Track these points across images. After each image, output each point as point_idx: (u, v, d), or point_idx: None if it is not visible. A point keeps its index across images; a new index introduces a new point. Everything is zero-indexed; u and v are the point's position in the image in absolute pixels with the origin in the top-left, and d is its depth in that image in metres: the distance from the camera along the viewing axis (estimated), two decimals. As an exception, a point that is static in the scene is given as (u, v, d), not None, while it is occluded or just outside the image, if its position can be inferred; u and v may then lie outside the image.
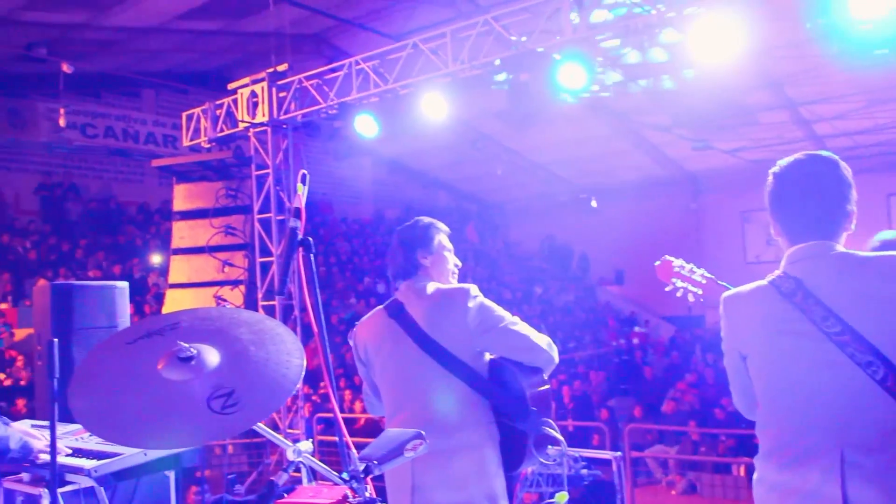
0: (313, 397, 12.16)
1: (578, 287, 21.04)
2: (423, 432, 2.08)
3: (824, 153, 2.41)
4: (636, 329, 18.32)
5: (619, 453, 5.64)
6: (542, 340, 2.98)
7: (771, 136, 15.65)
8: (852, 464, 2.12)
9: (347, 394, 12.35)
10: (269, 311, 9.16)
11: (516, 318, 2.99)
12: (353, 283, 17.46)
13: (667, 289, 3.15)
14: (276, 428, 9.07)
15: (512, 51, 7.30)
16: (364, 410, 11.81)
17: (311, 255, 2.38)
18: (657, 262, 3.18)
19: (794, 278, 2.26)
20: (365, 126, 8.38)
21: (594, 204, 19.76)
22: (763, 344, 2.30)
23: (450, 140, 15.76)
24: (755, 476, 2.36)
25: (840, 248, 2.30)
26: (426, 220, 3.22)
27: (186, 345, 2.16)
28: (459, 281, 3.19)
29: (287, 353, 2.29)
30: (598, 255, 20.85)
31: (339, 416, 2.35)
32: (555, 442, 2.85)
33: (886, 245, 3.32)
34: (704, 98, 13.34)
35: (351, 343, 3.22)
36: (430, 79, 7.81)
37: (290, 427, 9.19)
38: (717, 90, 12.83)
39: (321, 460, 2.28)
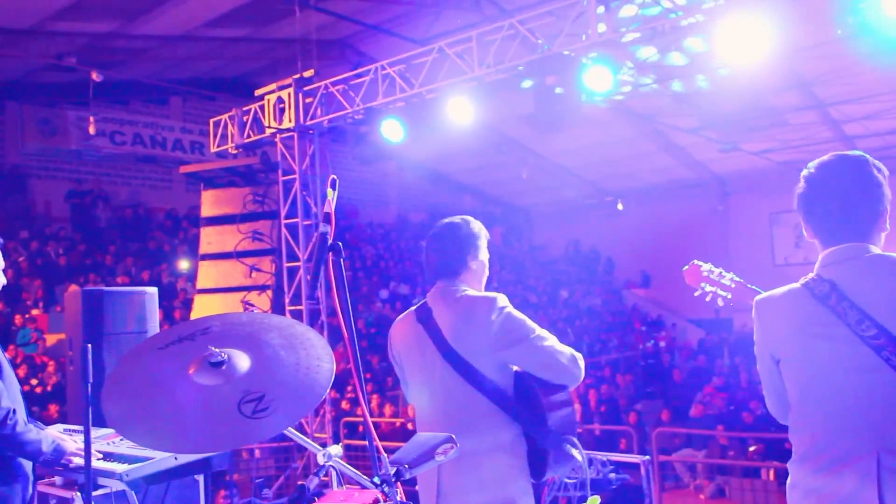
0: (342, 402, 12.21)
1: (605, 290, 20.95)
2: (453, 436, 2.08)
3: (855, 153, 2.37)
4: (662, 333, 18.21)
5: (647, 457, 5.60)
6: (566, 357, 2.86)
7: (799, 137, 15.49)
8: (889, 468, 2.09)
9: (374, 398, 12.38)
10: (297, 316, 9.21)
11: (543, 332, 2.89)
12: (378, 288, 17.51)
13: (696, 293, 3.12)
14: (303, 432, 9.11)
15: (538, 54, 7.29)
16: (393, 415, 11.86)
17: (341, 259, 2.37)
18: (685, 267, 3.15)
19: (829, 281, 2.23)
20: (391, 131, 8.40)
21: (620, 207, 19.70)
22: (797, 347, 2.28)
23: (475, 144, 15.76)
24: (789, 481, 2.34)
25: (875, 249, 2.27)
26: (475, 220, 3.13)
27: (217, 350, 2.17)
28: (486, 286, 3.14)
29: (317, 357, 2.30)
30: (624, 257, 20.76)
31: (369, 420, 2.35)
32: (573, 462, 2.80)
33: None
34: (732, 99, 13.24)
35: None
36: (456, 83, 7.82)
37: (318, 431, 9.22)
38: (744, 91, 12.73)
39: (348, 465, 2.28)
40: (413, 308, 3.12)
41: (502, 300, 2.90)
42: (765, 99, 13.78)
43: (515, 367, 2.90)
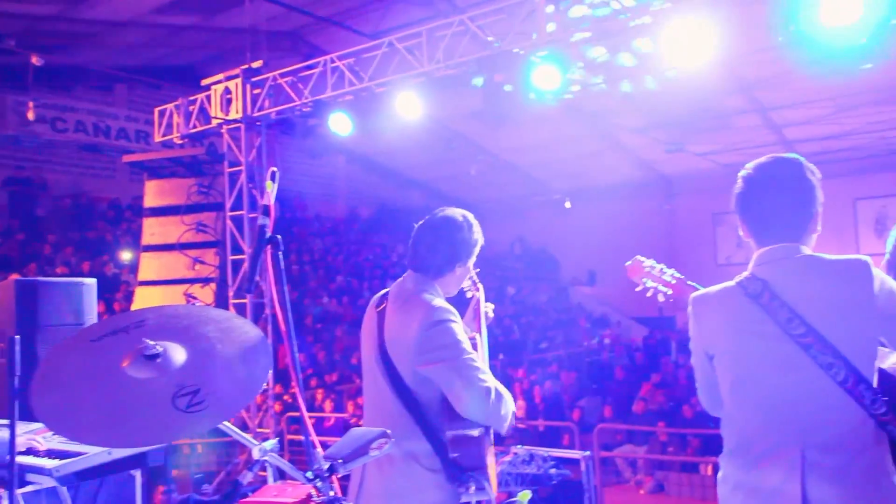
0: (284, 396, 12.11)
1: (551, 287, 21.12)
2: (388, 431, 2.07)
3: (790, 156, 2.43)
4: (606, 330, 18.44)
5: (587, 453, 5.68)
6: (481, 393, 2.66)
7: (742, 139, 15.81)
8: (812, 463, 2.16)
9: (319, 393, 12.31)
10: (241, 309, 9.11)
11: (473, 362, 2.70)
12: (326, 282, 17.40)
13: (637, 289, 3.16)
14: (245, 427, 9.02)
15: (487, 51, 7.32)
16: (335, 411, 11.80)
17: (280, 252, 2.34)
18: (628, 263, 3.19)
19: (761, 280, 2.29)
20: (339, 124, 8.36)
21: (568, 205, 19.88)
22: (729, 344, 2.34)
23: (425, 139, 15.74)
24: (720, 475, 2.40)
25: (807, 250, 2.33)
26: (476, 222, 2.99)
27: (152, 342, 2.14)
28: None
29: (255, 351, 2.29)
30: (571, 255, 20.94)
31: (306, 414, 2.34)
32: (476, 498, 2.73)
33: None
34: (678, 101, 13.46)
35: None
36: (405, 78, 7.80)
37: (261, 426, 9.13)
38: (690, 94, 12.94)
39: (291, 459, 2.27)
40: (384, 291, 3.00)
41: (445, 313, 2.74)
42: (710, 102, 14.04)
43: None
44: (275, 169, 2.35)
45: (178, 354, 2.17)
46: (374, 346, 2.83)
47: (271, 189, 2.32)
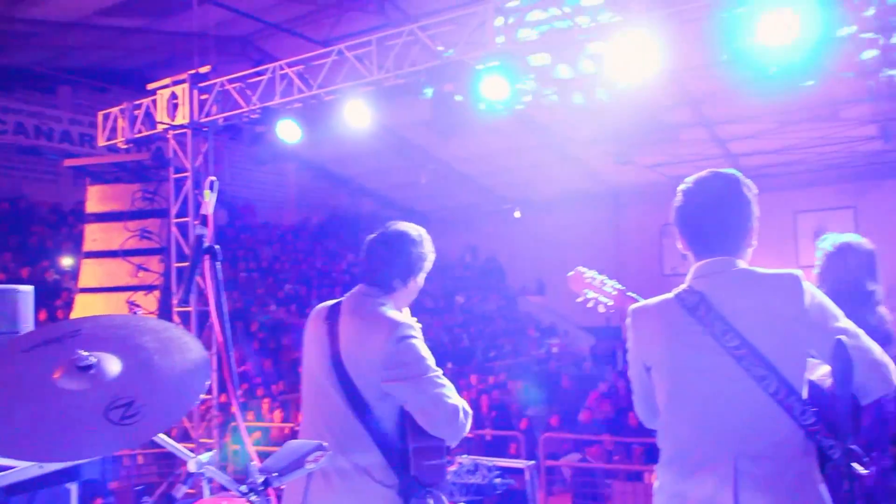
0: (230, 406, 11.93)
1: (500, 297, 21.22)
2: (324, 444, 2.06)
3: (727, 171, 2.49)
4: (555, 339, 18.59)
5: (532, 462, 5.71)
6: (449, 411, 2.68)
7: (690, 152, 16.11)
8: (744, 472, 2.20)
9: (266, 402, 12.16)
10: (185, 317, 8.98)
11: (438, 378, 2.72)
12: (274, 290, 17.22)
13: (578, 300, 3.19)
14: (187, 437, 8.87)
15: (437, 61, 7.34)
16: (282, 420, 11.67)
17: (218, 263, 2.31)
18: (570, 273, 3.22)
19: (699, 293, 2.34)
20: (287, 132, 8.29)
21: (517, 215, 20.01)
22: (666, 356, 2.37)
23: (376, 147, 15.72)
24: (656, 484, 2.44)
25: (742, 264, 2.39)
26: (428, 236, 2.99)
27: (86, 353, 2.09)
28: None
29: (193, 362, 2.25)
30: (520, 265, 21.08)
31: (243, 425, 2.32)
32: None
33: (842, 249, 3.42)
34: (628, 114, 13.65)
35: None
36: (355, 86, 7.78)
37: (204, 436, 8.99)
38: (639, 107, 13.15)
39: (221, 472, 2.24)
40: (331, 303, 2.97)
41: (409, 329, 2.74)
42: (658, 115, 14.28)
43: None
44: (213, 178, 2.32)
45: (112, 365, 2.12)
46: (326, 359, 2.79)
47: (209, 198, 2.28)
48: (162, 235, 9.19)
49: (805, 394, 2.26)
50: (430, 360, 2.73)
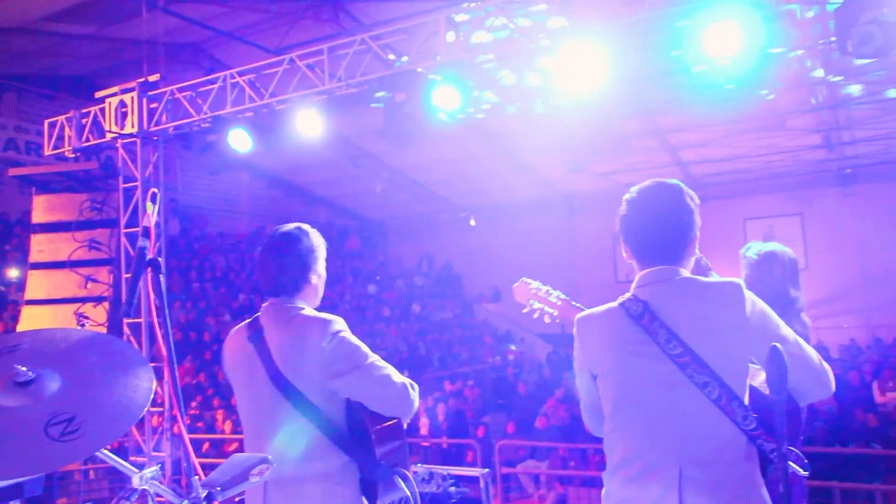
0: (185, 419, 11.76)
1: (456, 304, 21.26)
2: (269, 457, 2.05)
3: (671, 181, 2.54)
4: (511, 346, 18.67)
5: (486, 470, 5.72)
6: (398, 389, 2.77)
7: (641, 160, 16.35)
8: (689, 478, 2.24)
9: (220, 413, 12.01)
10: (135, 329, 8.83)
11: (378, 361, 2.80)
12: (228, 300, 17.02)
13: (524, 310, 3.22)
14: (139, 450, 8.72)
15: (388, 70, 7.35)
16: (234, 432, 11.52)
17: (161, 276, 2.28)
18: (515, 284, 3.25)
19: (643, 301, 2.38)
20: (239, 141, 8.21)
21: (473, 223, 20.11)
22: (612, 364, 2.41)
23: (330, 156, 15.69)
24: (603, 491, 2.46)
25: (685, 272, 2.44)
26: (313, 230, 2.98)
27: (24, 368, 2.05)
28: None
29: (135, 376, 2.22)
30: (476, 273, 21.16)
31: (187, 437, 2.29)
32: (401, 493, 2.78)
33: (767, 257, 3.51)
34: (580, 123, 13.81)
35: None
36: (306, 95, 7.75)
37: (156, 450, 8.84)
38: (591, 115, 13.30)
39: (165, 487, 2.21)
40: (245, 323, 2.98)
41: (338, 324, 2.79)
42: (610, 123, 14.46)
43: (346, 397, 2.81)
44: (155, 190, 2.30)
45: (52, 381, 2.08)
46: (262, 376, 2.79)
47: (151, 211, 2.27)
48: (111, 246, 9.02)
49: (747, 399, 2.31)
50: (365, 348, 2.79)
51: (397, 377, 2.80)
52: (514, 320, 20.28)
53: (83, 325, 8.18)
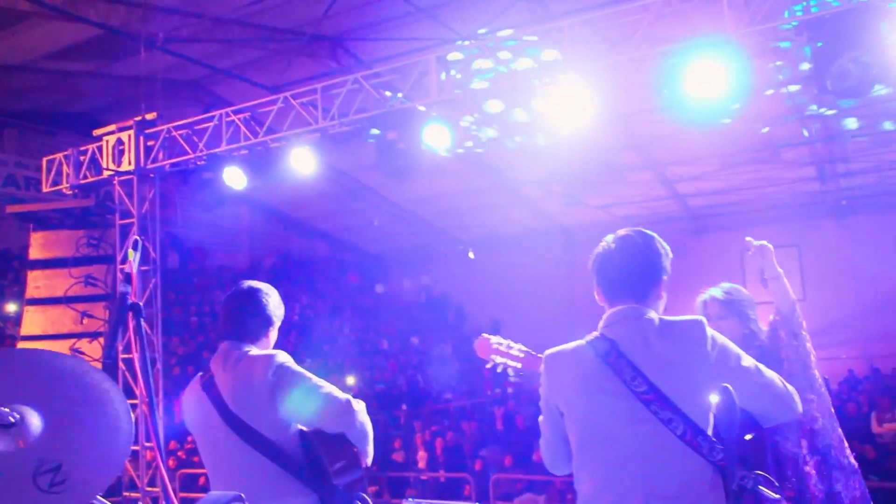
0: (179, 452, 11.76)
1: (455, 337, 21.25)
2: (242, 495, 2.09)
3: (643, 231, 2.64)
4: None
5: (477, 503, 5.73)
6: (341, 403, 2.90)
7: (638, 193, 16.46)
8: None
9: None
10: (130, 364, 8.85)
11: (320, 382, 2.92)
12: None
13: (487, 366, 3.27)
14: (133, 485, 8.71)
15: (381, 109, 7.47)
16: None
17: (142, 319, 2.34)
18: (476, 341, 3.31)
19: (610, 339, 2.45)
20: (233, 178, 8.31)
21: (471, 255, 20.16)
22: (580, 401, 2.48)
23: (329, 190, 15.80)
24: None
25: (651, 313, 2.51)
26: (275, 290, 3.18)
27: (7, 409, 1.96)
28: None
29: (114, 415, 2.05)
30: (475, 305, 21.17)
31: (165, 475, 2.32)
32: None
33: (711, 303, 3.61)
34: (576, 156, 13.91)
35: None
36: (300, 133, 7.86)
37: (150, 485, 8.82)
38: (588, 149, 13.41)
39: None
40: (198, 375, 3.10)
41: (280, 356, 2.93)
42: (606, 157, 14.58)
43: (300, 426, 2.89)
44: (138, 238, 2.38)
45: (33, 420, 1.89)
46: (217, 421, 2.88)
47: (133, 258, 2.33)
48: (107, 282, 9.09)
49: (711, 431, 2.38)
50: (307, 372, 2.94)
51: (339, 393, 2.93)
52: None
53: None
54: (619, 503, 2.37)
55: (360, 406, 2.95)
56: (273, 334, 3.12)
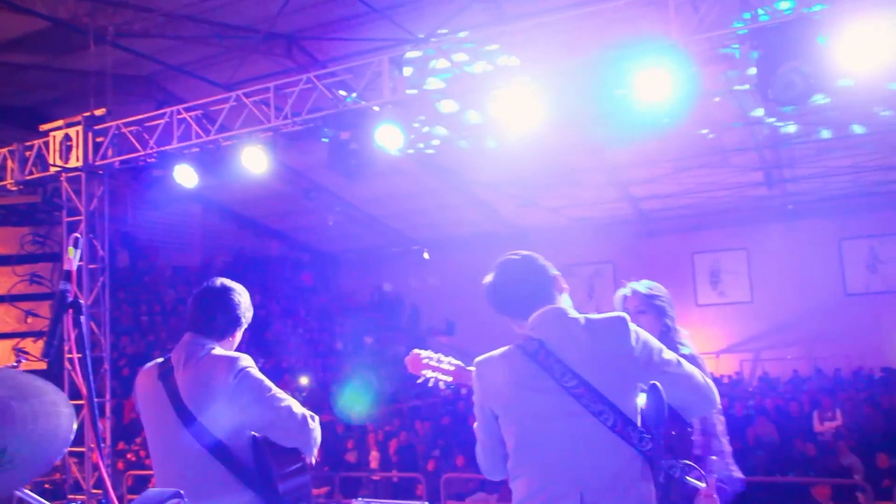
0: (128, 454, 11.60)
1: (409, 337, 21.26)
2: (181, 492, 2.10)
3: (523, 253, 2.78)
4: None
5: (426, 503, 5.76)
6: (298, 421, 2.91)
7: (591, 196, 16.65)
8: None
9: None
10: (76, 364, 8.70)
11: (280, 394, 2.92)
12: (178, 333, 16.76)
13: (419, 381, 3.31)
14: (77, 487, 8.56)
15: (334, 109, 7.45)
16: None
17: (82, 317, 2.33)
18: (407, 358, 3.35)
19: (537, 340, 2.52)
20: (184, 176, 8.22)
21: (426, 256, 20.20)
22: (512, 401, 2.53)
23: (283, 189, 15.68)
24: None
25: (574, 312, 2.60)
26: (245, 290, 3.17)
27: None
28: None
29: (53, 403, 2.19)
30: (430, 306, 21.22)
31: (105, 473, 2.32)
32: None
33: (633, 296, 3.73)
34: (531, 159, 14.03)
35: None
36: (253, 132, 7.81)
37: (96, 487, 8.68)
38: (542, 152, 13.54)
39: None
40: (157, 362, 3.08)
41: (244, 361, 2.91)
42: (560, 159, 14.72)
43: (253, 432, 2.89)
44: (78, 235, 2.36)
45: None
46: (170, 414, 2.87)
47: (73, 255, 2.33)
48: (53, 280, 8.92)
49: (639, 422, 2.46)
50: (269, 382, 2.92)
51: (298, 409, 2.94)
52: (467, 353, 20.26)
53: (21, 361, 8.06)
54: (555, 499, 2.41)
55: (315, 423, 2.97)
56: (239, 335, 3.11)
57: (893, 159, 14.59)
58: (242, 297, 3.11)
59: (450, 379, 3.21)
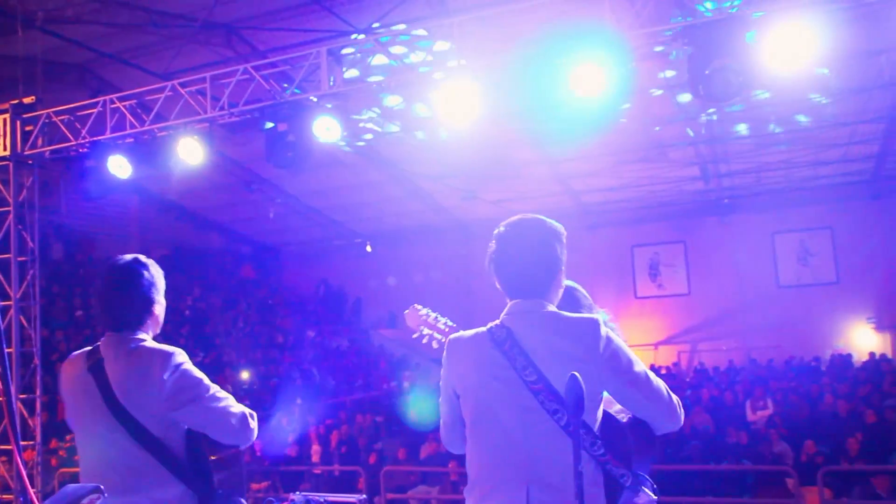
0: (60, 451, 11.33)
1: (352, 330, 21.20)
2: (101, 486, 2.07)
3: (535, 217, 2.66)
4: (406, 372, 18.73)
5: (363, 496, 5.78)
6: (237, 418, 2.88)
7: (533, 188, 16.79)
8: (535, 499, 2.39)
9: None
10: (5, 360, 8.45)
11: (218, 392, 2.88)
12: (113, 328, 16.41)
13: (414, 335, 3.30)
14: (7, 488, 8.34)
15: (273, 100, 7.38)
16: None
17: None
18: (406, 311, 3.33)
19: (507, 328, 2.53)
20: (118, 167, 8.04)
21: (369, 248, 20.15)
22: (474, 385, 2.54)
23: (223, 180, 15.48)
24: None
25: (551, 306, 2.58)
26: (152, 261, 3.00)
27: None
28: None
29: None
30: (372, 298, 21.18)
31: (24, 472, 2.28)
32: None
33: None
34: (472, 152, 14.09)
35: None
36: (189, 123, 7.67)
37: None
38: (483, 144, 13.59)
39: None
40: (85, 351, 2.97)
41: (179, 356, 2.85)
42: (502, 152, 14.81)
43: (186, 426, 2.86)
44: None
45: None
46: (100, 406, 2.80)
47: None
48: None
49: (597, 427, 2.48)
50: (206, 379, 2.87)
51: (236, 407, 2.90)
52: (409, 346, 20.35)
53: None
54: (501, 488, 2.44)
55: (254, 422, 2.93)
56: (158, 311, 2.97)
57: (823, 156, 15.05)
58: (144, 274, 2.93)
59: (444, 339, 3.20)
